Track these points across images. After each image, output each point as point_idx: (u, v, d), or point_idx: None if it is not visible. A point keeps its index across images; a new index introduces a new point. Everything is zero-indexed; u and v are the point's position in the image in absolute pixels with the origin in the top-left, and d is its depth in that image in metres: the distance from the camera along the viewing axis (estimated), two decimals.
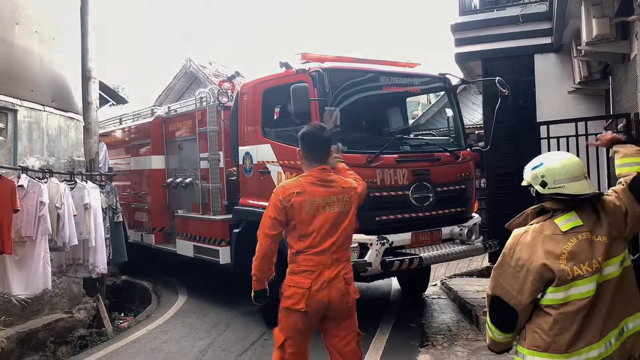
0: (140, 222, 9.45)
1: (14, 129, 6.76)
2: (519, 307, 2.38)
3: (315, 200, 3.38)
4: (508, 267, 2.42)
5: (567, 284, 2.31)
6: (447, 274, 8.45)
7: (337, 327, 3.42)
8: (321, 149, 3.58)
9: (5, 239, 5.58)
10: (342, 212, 3.44)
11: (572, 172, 2.42)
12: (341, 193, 3.47)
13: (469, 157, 6.77)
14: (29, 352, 6.35)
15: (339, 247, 3.40)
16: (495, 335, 2.54)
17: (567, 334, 2.31)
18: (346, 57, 6.64)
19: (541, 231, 2.41)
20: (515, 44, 8.24)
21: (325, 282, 3.32)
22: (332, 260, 3.36)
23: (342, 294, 3.36)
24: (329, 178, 3.50)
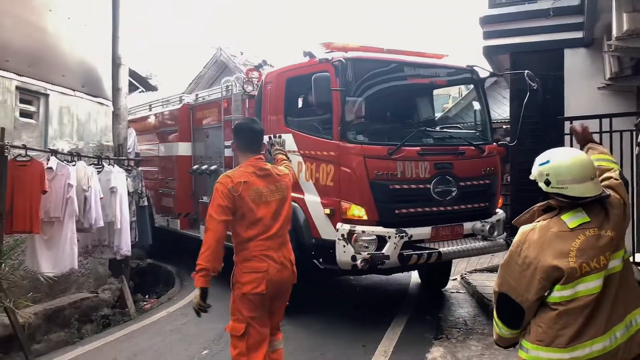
0: (166, 207, 9.64)
1: (46, 113, 6.98)
2: (526, 304, 2.38)
3: (259, 189, 3.59)
4: (515, 264, 2.42)
5: (575, 281, 2.30)
6: (467, 269, 8.39)
7: (281, 305, 3.75)
8: (255, 140, 3.81)
9: (34, 219, 5.80)
10: (282, 199, 3.70)
11: (577, 173, 2.38)
12: (278, 181, 3.73)
13: (495, 151, 6.68)
14: (55, 329, 6.59)
15: (283, 232, 3.68)
16: (502, 331, 2.55)
17: (571, 328, 2.31)
18: (371, 47, 6.61)
19: (548, 229, 2.39)
20: (545, 37, 8.08)
21: (278, 264, 3.57)
22: (279, 244, 3.62)
23: (290, 274, 3.67)
24: (265, 167, 3.73)
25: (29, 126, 6.77)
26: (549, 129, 7.49)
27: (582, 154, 2.54)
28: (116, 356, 5.33)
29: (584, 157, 2.48)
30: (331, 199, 5.85)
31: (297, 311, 6.36)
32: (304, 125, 6.42)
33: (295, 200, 6.24)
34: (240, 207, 3.53)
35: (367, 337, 5.58)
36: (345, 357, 5.12)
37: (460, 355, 5.06)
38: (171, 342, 5.68)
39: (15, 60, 6.41)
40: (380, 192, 5.71)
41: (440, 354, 5.09)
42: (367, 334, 5.69)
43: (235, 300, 3.61)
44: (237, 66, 16.54)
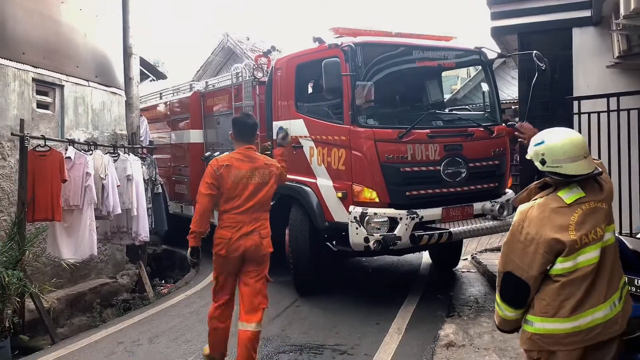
0: (180, 194, 9.80)
1: (61, 104, 7.13)
2: (531, 280, 2.48)
3: (240, 172, 4.28)
4: (518, 242, 2.52)
5: (575, 253, 2.42)
6: (478, 248, 8.51)
7: (251, 269, 4.35)
8: (247, 132, 4.49)
9: (55, 207, 5.98)
10: (261, 182, 4.36)
11: (571, 152, 2.49)
12: (263, 167, 4.39)
13: (504, 132, 6.73)
14: (77, 313, 6.82)
15: (257, 209, 4.34)
16: (506, 313, 2.61)
17: (573, 298, 2.43)
18: (379, 31, 6.67)
19: (547, 205, 2.50)
20: (553, 17, 8.05)
21: (243, 235, 4.26)
22: (251, 219, 4.30)
23: (256, 244, 4.30)
24: (253, 155, 4.42)
25: (45, 117, 6.92)
26: (558, 109, 7.54)
27: (575, 133, 2.62)
28: (138, 337, 5.52)
29: (577, 137, 2.58)
30: (343, 183, 5.96)
31: (306, 291, 6.57)
32: (315, 111, 6.51)
33: (308, 185, 6.39)
34: (222, 185, 4.25)
35: (381, 316, 5.73)
36: (359, 334, 5.27)
37: (472, 331, 5.19)
38: (190, 323, 5.86)
39: (31, 53, 6.55)
40: (391, 174, 5.81)
41: (452, 331, 5.23)
42: (381, 312, 5.84)
43: (213, 254, 4.40)
44: (245, 52, 16.58)
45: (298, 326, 5.61)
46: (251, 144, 4.49)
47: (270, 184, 4.42)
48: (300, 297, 6.55)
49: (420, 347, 4.90)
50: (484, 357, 4.59)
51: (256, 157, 4.43)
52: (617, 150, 5.23)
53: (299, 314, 6.01)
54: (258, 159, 4.42)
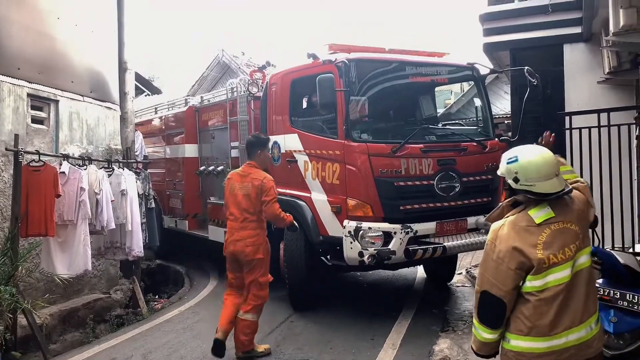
0: (174, 208, 9.79)
1: (56, 119, 7.14)
2: (507, 297, 2.50)
3: (234, 185, 5.08)
4: (491, 261, 2.54)
5: (544, 272, 2.45)
6: (472, 262, 8.52)
7: (245, 270, 5.06)
8: (249, 151, 5.27)
9: (48, 223, 5.96)
10: (245, 194, 5.01)
11: (544, 171, 2.52)
12: (247, 181, 5.03)
13: (497, 147, 6.79)
14: (70, 329, 6.76)
15: (243, 218, 5.00)
16: (485, 335, 2.59)
17: (546, 318, 2.45)
18: (373, 48, 6.74)
19: (516, 223, 2.54)
20: (545, 33, 8.17)
21: (234, 240, 5.02)
22: (240, 227, 5.00)
23: (241, 250, 4.97)
24: (248, 171, 5.10)
25: (40, 132, 6.92)
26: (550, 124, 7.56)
27: (547, 152, 2.64)
28: (132, 353, 5.48)
29: (549, 155, 2.60)
30: (337, 197, 5.99)
31: (306, 306, 6.56)
32: (309, 125, 6.56)
33: (303, 199, 6.41)
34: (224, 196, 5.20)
35: (375, 331, 5.72)
36: (354, 349, 5.25)
37: (466, 346, 5.18)
38: (184, 340, 5.83)
39: (26, 68, 6.57)
40: (385, 189, 5.84)
41: (447, 346, 5.22)
42: (375, 327, 5.83)
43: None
44: (240, 67, 16.66)
45: (292, 342, 5.59)
46: (251, 160, 5.20)
47: (252, 195, 4.99)
48: (295, 312, 6.53)
49: None
50: None
51: (249, 172, 5.08)
52: (609, 165, 5.28)
53: (293, 329, 6.00)
54: (248, 174, 5.08)
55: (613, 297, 3.45)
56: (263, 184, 5.02)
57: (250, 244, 4.98)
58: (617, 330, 3.38)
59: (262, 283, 5.07)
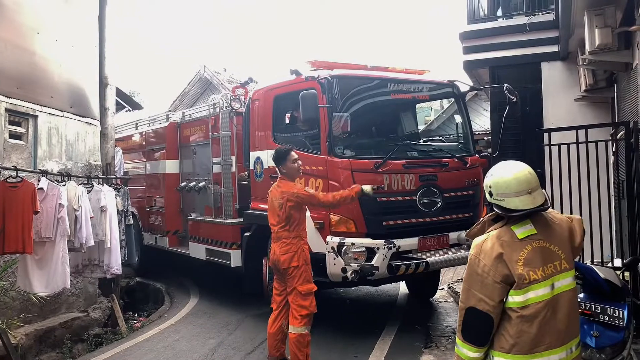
0: (154, 225, 9.67)
1: (35, 134, 7.02)
2: (493, 312, 2.49)
3: (272, 198, 5.18)
4: (476, 275, 2.54)
5: (525, 288, 2.46)
6: (454, 278, 8.55)
7: (285, 279, 5.08)
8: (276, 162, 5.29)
9: (26, 240, 5.83)
10: (277, 206, 5.08)
11: (514, 187, 2.54)
12: (281, 193, 5.06)
13: (477, 163, 6.87)
14: (47, 349, 6.58)
15: (275, 229, 5.12)
16: (469, 354, 2.56)
17: (527, 336, 2.45)
18: (355, 65, 6.81)
19: (499, 237, 2.55)
20: (523, 52, 8.35)
21: (272, 250, 5.16)
22: (274, 238, 5.14)
23: (275, 259, 5.06)
24: (280, 184, 5.17)
25: (18, 147, 6.80)
26: (529, 140, 7.74)
27: (522, 168, 2.62)
28: None
29: (522, 172, 2.60)
30: (320, 213, 5.97)
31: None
32: (292, 141, 6.51)
33: None
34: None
35: (359, 347, 5.68)
36: None
37: None
38: (164, 358, 5.72)
39: (4, 83, 6.47)
40: (368, 204, 5.85)
41: None
42: (359, 344, 5.79)
43: None
44: (222, 83, 16.67)
45: None
46: (281, 174, 5.24)
47: (284, 207, 5.02)
48: None
49: None
50: None
51: (280, 185, 5.15)
52: (587, 180, 5.37)
53: None
54: (281, 187, 5.13)
55: (594, 312, 3.48)
56: (297, 195, 5.03)
57: (284, 252, 5.03)
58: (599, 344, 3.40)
59: (302, 292, 4.99)
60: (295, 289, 5.00)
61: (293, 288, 5.01)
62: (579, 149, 5.38)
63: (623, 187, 5.46)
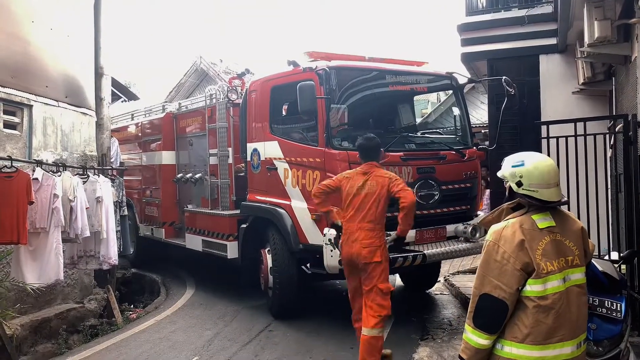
0: (150, 216, 9.63)
1: (29, 124, 6.97)
2: (509, 299, 2.47)
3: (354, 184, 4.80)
4: (494, 262, 2.52)
5: (543, 277, 2.46)
6: (450, 270, 8.56)
7: (363, 277, 4.70)
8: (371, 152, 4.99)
9: (20, 230, 5.78)
10: (369, 193, 4.74)
11: (547, 179, 2.56)
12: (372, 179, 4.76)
13: (475, 155, 6.86)
14: (42, 340, 6.56)
15: (362, 219, 4.71)
16: (480, 341, 2.52)
17: (542, 326, 2.44)
18: (353, 56, 6.76)
19: (520, 224, 2.54)
20: (521, 44, 8.32)
21: (351, 242, 4.73)
22: (357, 228, 4.71)
23: (357, 252, 4.65)
24: (370, 170, 4.85)
25: (12, 137, 6.75)
26: (526, 133, 7.72)
27: (550, 159, 2.67)
28: None
29: (552, 163, 2.64)
30: None
31: (284, 315, 6.49)
32: (289, 133, 6.53)
33: (282, 207, 6.35)
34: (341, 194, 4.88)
35: (355, 339, 5.64)
36: (334, 358, 5.21)
37: (446, 354, 5.19)
38: (161, 350, 5.71)
39: None
40: None
41: (426, 354, 5.22)
42: (355, 336, 5.76)
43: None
44: (218, 74, 16.59)
45: (271, 351, 5.52)
46: (375, 161, 4.93)
47: (377, 194, 4.69)
48: (274, 320, 6.45)
49: None
50: None
51: (371, 171, 4.80)
52: (585, 173, 5.36)
53: (272, 338, 5.92)
54: (372, 172, 4.79)
55: (592, 304, 3.47)
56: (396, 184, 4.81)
57: (367, 245, 4.68)
58: (597, 337, 3.40)
59: (384, 290, 4.65)
60: (376, 286, 4.64)
61: (373, 286, 4.65)
62: (577, 142, 5.37)
63: (620, 181, 5.45)
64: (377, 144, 5.02)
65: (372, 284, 4.64)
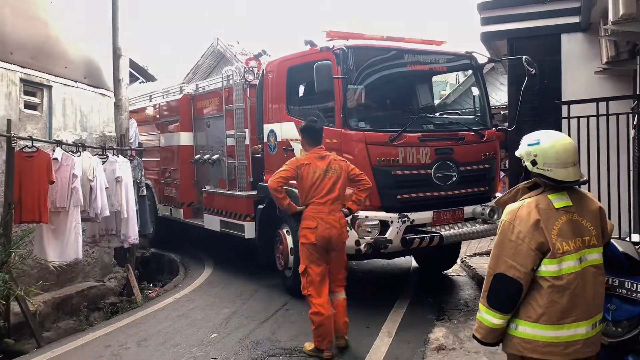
0: (169, 197, 9.73)
1: (49, 104, 7.05)
2: (524, 279, 2.46)
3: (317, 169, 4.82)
4: (509, 242, 2.51)
5: (558, 257, 2.44)
6: (467, 252, 8.52)
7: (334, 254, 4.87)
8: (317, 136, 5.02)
9: (42, 209, 5.90)
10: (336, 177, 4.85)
11: (563, 158, 2.52)
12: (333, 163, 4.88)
13: (494, 136, 6.78)
14: (64, 317, 6.72)
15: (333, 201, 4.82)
16: (494, 320, 2.53)
17: (557, 306, 2.44)
18: (371, 35, 6.69)
19: (536, 204, 2.52)
20: (543, 23, 8.12)
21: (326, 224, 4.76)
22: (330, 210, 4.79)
23: (338, 233, 4.79)
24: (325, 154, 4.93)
25: (33, 118, 6.84)
26: (547, 114, 7.58)
27: (568, 138, 2.64)
28: (126, 341, 5.45)
29: (570, 142, 2.60)
30: None
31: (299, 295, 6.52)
32: (306, 114, 6.48)
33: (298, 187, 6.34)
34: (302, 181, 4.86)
35: (371, 319, 5.70)
36: (349, 337, 5.22)
37: (462, 335, 5.18)
38: (179, 327, 5.80)
39: (19, 53, 6.47)
40: (383, 178, 5.81)
41: (442, 334, 5.22)
42: (371, 316, 5.81)
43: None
44: (235, 55, 16.55)
45: (287, 330, 5.57)
46: (320, 144, 5.02)
47: (343, 178, 4.87)
48: (291, 299, 6.50)
49: (411, 351, 4.89)
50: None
51: (327, 155, 4.94)
52: (607, 154, 5.27)
53: (288, 317, 5.97)
54: (328, 155, 4.94)
55: (612, 285, 3.43)
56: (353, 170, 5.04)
57: (344, 224, 4.93)
58: (616, 318, 3.37)
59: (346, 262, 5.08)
60: (345, 261, 5.02)
61: (345, 260, 5.01)
62: (599, 122, 5.27)
63: None
64: (321, 128, 5.13)
65: (344, 259, 4.99)
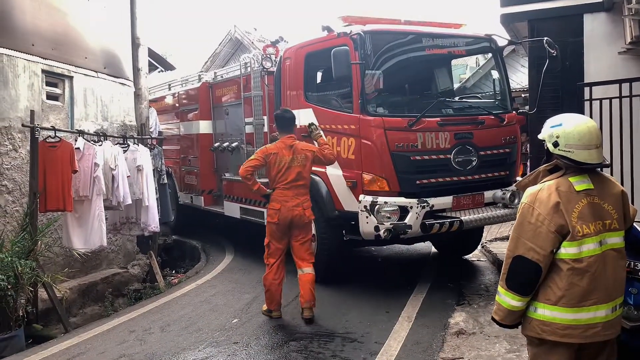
0: (190, 184, 9.83)
1: (71, 95, 7.15)
2: (543, 262, 2.46)
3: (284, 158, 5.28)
4: (528, 224, 2.50)
5: (578, 240, 2.43)
6: (488, 237, 8.47)
7: (297, 233, 5.38)
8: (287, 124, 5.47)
9: (66, 198, 6.03)
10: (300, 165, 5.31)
11: (587, 140, 2.50)
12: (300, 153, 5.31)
13: (515, 120, 6.70)
14: (89, 303, 6.88)
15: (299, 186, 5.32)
16: (513, 303, 2.54)
17: (577, 289, 2.43)
18: (389, 19, 6.63)
19: (557, 187, 2.51)
20: (564, 3, 7.95)
21: (289, 206, 5.28)
22: (294, 194, 5.29)
23: (300, 214, 5.29)
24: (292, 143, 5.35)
25: (55, 108, 6.95)
26: (568, 96, 7.46)
27: (591, 121, 2.62)
28: (150, 326, 5.56)
29: (593, 125, 2.58)
30: (353, 172, 5.95)
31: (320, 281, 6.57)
32: (324, 100, 6.50)
33: (318, 174, 6.37)
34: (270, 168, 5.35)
35: (391, 304, 5.73)
36: (369, 322, 5.28)
37: (482, 319, 5.18)
38: (202, 312, 5.89)
39: (40, 44, 6.56)
40: (402, 163, 5.80)
41: (462, 319, 5.22)
42: (390, 301, 5.84)
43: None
44: (253, 42, 16.54)
45: None
46: (291, 132, 5.43)
47: (307, 166, 5.35)
48: None
49: (431, 335, 4.91)
50: (495, 344, 4.59)
51: (294, 144, 5.33)
52: (630, 136, 5.18)
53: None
54: (296, 145, 5.33)
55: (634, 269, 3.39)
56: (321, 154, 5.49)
57: (307, 207, 5.38)
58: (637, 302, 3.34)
59: (311, 240, 5.57)
60: (309, 239, 5.49)
61: (308, 239, 5.47)
62: (622, 104, 5.17)
63: None
64: (293, 117, 5.52)
65: (307, 237, 5.45)
